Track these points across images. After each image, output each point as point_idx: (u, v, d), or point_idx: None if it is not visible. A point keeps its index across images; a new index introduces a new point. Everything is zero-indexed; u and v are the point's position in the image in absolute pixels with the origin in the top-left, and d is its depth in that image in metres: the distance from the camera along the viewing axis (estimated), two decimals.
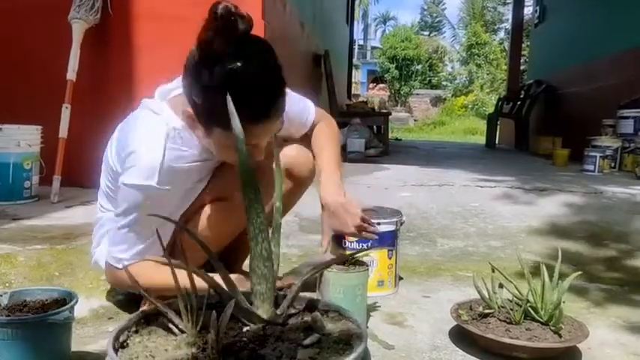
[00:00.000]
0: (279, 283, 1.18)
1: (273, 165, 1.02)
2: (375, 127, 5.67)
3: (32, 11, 2.92)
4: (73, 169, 2.66)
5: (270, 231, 0.83)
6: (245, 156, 0.77)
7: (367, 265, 1.40)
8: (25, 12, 2.93)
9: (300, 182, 1.49)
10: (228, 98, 0.86)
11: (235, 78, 1.04)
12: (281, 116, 1.16)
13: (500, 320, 1.32)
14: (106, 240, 1.39)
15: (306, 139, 1.51)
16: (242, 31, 1.05)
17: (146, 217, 1.16)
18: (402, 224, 1.82)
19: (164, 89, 1.31)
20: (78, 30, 2.68)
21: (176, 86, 1.29)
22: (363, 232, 1.37)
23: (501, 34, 23.68)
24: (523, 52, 10.43)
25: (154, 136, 1.20)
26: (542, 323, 1.29)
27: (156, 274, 1.06)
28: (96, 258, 1.42)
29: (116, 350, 0.72)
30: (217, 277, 0.82)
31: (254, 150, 1.16)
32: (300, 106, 1.46)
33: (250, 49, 1.07)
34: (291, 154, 1.45)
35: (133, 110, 1.36)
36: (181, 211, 1.31)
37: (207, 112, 1.10)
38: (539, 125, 7.37)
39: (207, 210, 1.36)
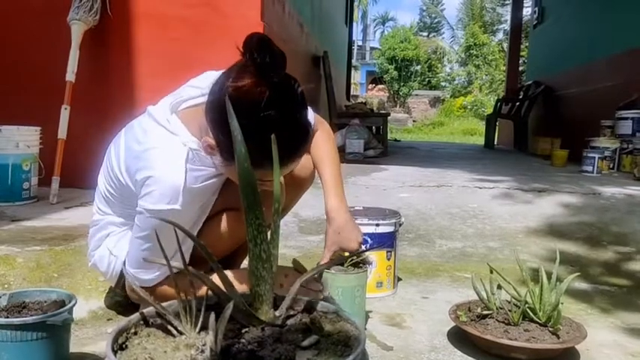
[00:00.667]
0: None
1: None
2: (374, 127, 5.68)
3: (31, 13, 2.92)
4: (72, 170, 2.65)
5: (269, 232, 0.84)
6: (244, 157, 0.78)
7: (366, 267, 1.41)
8: (24, 13, 2.93)
9: (299, 184, 1.50)
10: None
11: (268, 126, 1.03)
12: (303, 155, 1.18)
13: (498, 321, 1.32)
14: (105, 243, 1.39)
15: None
16: (278, 74, 1.05)
17: (167, 237, 1.15)
18: (400, 225, 1.82)
19: (175, 101, 1.28)
20: (77, 31, 2.68)
21: (187, 97, 1.28)
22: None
23: (500, 35, 23.73)
24: (522, 53, 10.44)
25: (174, 159, 1.19)
26: (540, 324, 1.30)
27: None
28: (94, 261, 1.42)
29: (115, 352, 0.72)
30: (216, 278, 0.82)
31: (268, 184, 1.15)
32: None
33: (285, 95, 1.08)
34: None
35: (130, 111, 1.35)
36: (199, 225, 1.29)
37: (230, 150, 1.11)
38: (538, 126, 7.38)
39: (215, 220, 1.36)
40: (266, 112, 1.04)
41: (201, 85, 1.25)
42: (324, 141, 1.48)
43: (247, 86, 1.03)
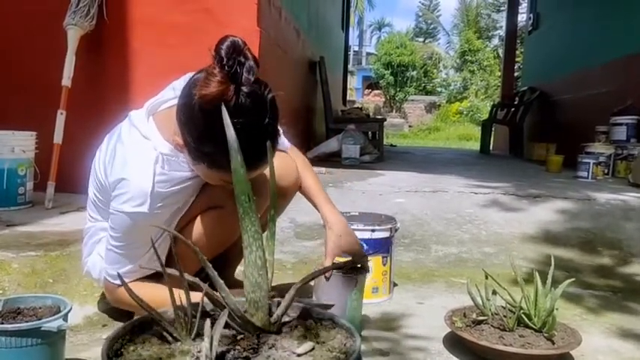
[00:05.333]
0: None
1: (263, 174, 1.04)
2: (370, 133, 5.68)
3: (27, 17, 2.91)
4: (68, 175, 2.64)
5: (264, 239, 0.84)
6: (240, 164, 0.78)
7: (364, 272, 1.41)
8: (21, 18, 2.93)
9: (285, 192, 1.50)
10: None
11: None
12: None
13: (493, 327, 1.33)
14: (97, 250, 1.40)
15: None
16: (246, 81, 1.06)
17: (139, 237, 1.24)
18: (396, 230, 1.83)
19: (153, 103, 1.31)
20: (73, 36, 2.68)
21: (165, 98, 1.30)
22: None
23: (495, 41, 23.83)
24: (517, 59, 10.49)
25: (144, 163, 1.22)
26: (535, 330, 1.30)
27: (154, 290, 1.09)
28: (87, 268, 1.43)
29: (110, 359, 0.72)
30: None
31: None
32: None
33: (254, 102, 1.08)
34: (275, 165, 1.45)
35: (127, 116, 1.36)
36: (173, 226, 1.32)
37: (198, 153, 1.15)
38: (533, 132, 7.41)
39: (200, 219, 1.37)
40: (234, 121, 1.02)
41: (177, 87, 1.26)
42: (299, 160, 1.55)
43: (213, 94, 1.04)
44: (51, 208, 2.49)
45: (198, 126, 1.11)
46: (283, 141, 1.55)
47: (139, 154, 1.23)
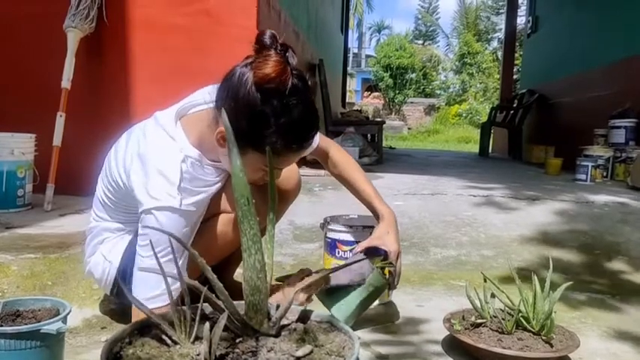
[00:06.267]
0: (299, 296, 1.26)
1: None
2: (369, 135, 5.69)
3: (27, 20, 2.92)
4: (67, 178, 2.65)
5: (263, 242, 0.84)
6: (241, 169, 0.78)
7: (388, 277, 1.43)
8: (21, 20, 2.93)
9: (285, 196, 1.50)
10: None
11: (291, 111, 1.15)
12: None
13: (492, 330, 1.33)
14: (100, 250, 1.39)
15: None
16: (293, 65, 1.15)
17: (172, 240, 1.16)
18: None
19: (183, 106, 1.30)
20: (73, 39, 2.69)
21: (195, 102, 1.29)
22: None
23: (494, 44, 23.85)
24: (516, 62, 10.50)
25: (171, 161, 1.20)
26: (533, 333, 1.30)
27: None
28: (89, 268, 1.42)
29: None
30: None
31: (278, 173, 1.31)
32: None
33: (304, 83, 1.18)
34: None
35: (126, 118, 1.37)
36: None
37: (249, 136, 1.16)
38: (532, 134, 7.42)
39: (210, 224, 1.36)
40: (291, 98, 1.14)
41: (212, 91, 1.27)
42: (348, 160, 1.60)
43: (274, 72, 1.11)
44: (50, 211, 2.49)
45: (253, 106, 1.14)
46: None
47: (166, 153, 1.22)
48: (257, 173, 1.25)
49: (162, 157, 1.21)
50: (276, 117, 1.14)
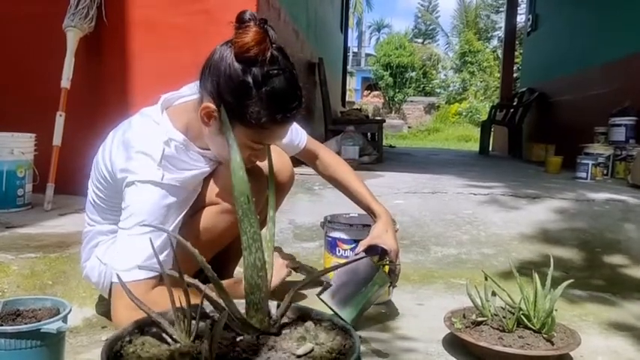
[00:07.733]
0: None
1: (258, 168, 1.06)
2: (369, 134, 5.68)
3: (27, 20, 2.92)
4: (67, 177, 2.65)
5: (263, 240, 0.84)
6: (239, 165, 0.78)
7: (390, 275, 1.44)
8: (21, 20, 2.93)
9: (280, 188, 1.51)
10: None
11: (272, 80, 1.14)
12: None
13: (493, 328, 1.33)
14: (95, 254, 1.38)
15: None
16: (274, 39, 1.15)
17: (155, 215, 1.18)
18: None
19: (169, 97, 1.31)
20: (72, 38, 2.68)
21: (182, 94, 1.30)
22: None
23: (494, 42, 23.84)
24: (516, 60, 10.50)
25: (153, 140, 1.22)
26: (534, 331, 1.30)
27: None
28: (86, 272, 1.42)
29: None
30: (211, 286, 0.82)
31: (260, 152, 1.26)
32: (293, 131, 1.54)
33: (283, 57, 1.18)
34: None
35: (126, 118, 1.36)
36: (176, 225, 1.27)
37: (234, 110, 1.15)
38: (532, 132, 7.42)
39: (199, 216, 1.36)
40: (272, 67, 1.14)
41: (192, 89, 1.29)
42: (339, 162, 1.65)
43: (252, 41, 1.11)
44: (50, 210, 2.49)
45: (235, 77, 1.14)
46: (300, 132, 1.59)
47: (149, 134, 1.24)
48: (244, 151, 1.22)
49: (145, 138, 1.23)
50: (258, 86, 1.14)
